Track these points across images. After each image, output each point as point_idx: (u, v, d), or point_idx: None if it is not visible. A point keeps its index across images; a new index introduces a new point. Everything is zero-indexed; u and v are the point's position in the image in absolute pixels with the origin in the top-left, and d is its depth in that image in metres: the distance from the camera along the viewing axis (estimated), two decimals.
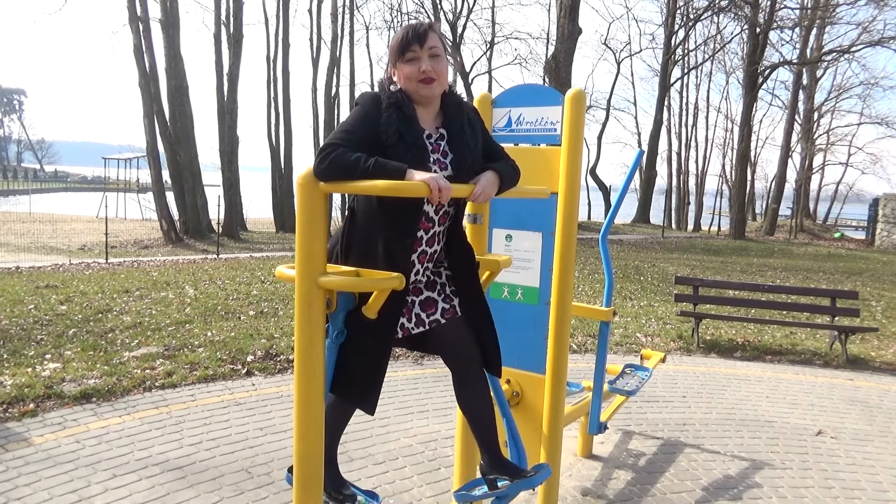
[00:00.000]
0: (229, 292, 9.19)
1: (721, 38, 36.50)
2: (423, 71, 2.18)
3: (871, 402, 5.62)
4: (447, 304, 2.37)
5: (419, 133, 2.19)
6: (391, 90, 2.21)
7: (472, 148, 2.29)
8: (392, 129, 2.11)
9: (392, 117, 2.13)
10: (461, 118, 2.30)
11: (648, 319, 8.58)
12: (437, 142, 2.27)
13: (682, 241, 25.31)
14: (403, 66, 2.20)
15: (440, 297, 2.37)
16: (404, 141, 2.11)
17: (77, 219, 25.32)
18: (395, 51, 2.21)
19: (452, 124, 2.28)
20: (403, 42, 2.19)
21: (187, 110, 20.71)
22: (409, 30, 2.21)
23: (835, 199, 45.07)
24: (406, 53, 2.19)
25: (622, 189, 3.98)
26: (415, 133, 2.16)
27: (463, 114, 2.31)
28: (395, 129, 2.11)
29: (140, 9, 19.40)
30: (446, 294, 2.39)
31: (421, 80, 2.18)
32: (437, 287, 2.37)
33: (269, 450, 4.03)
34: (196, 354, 5.88)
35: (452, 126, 2.28)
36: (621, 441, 4.45)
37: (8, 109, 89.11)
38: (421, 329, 2.33)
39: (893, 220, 26.54)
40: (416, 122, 2.20)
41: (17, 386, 4.79)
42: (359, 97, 2.23)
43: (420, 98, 2.22)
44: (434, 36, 2.22)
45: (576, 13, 18.54)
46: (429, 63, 2.18)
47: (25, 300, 8.08)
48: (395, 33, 2.28)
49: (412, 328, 2.31)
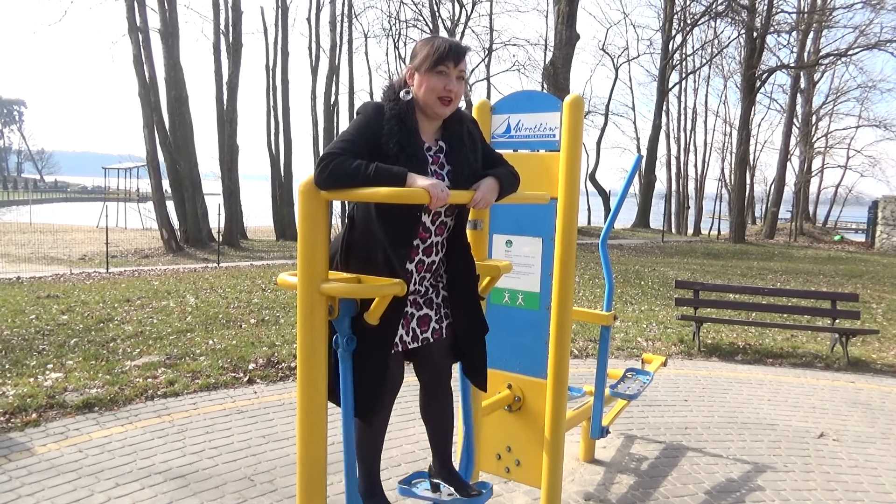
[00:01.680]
0: (230, 301, 9.20)
1: (718, 42, 36.62)
2: (449, 90, 2.17)
3: (873, 404, 5.62)
4: (438, 325, 2.40)
5: (420, 146, 2.19)
6: (399, 97, 2.19)
7: (471, 161, 2.30)
8: (393, 141, 2.11)
9: (394, 129, 2.13)
10: (461, 131, 2.30)
11: (649, 324, 8.59)
12: (437, 154, 2.28)
13: (682, 245, 25.32)
14: (430, 76, 2.17)
15: (435, 316, 2.40)
16: (405, 153, 2.11)
17: (77, 229, 25.32)
18: (427, 59, 2.17)
19: (453, 138, 2.29)
20: (440, 54, 2.16)
21: (187, 120, 20.75)
22: (451, 45, 2.18)
23: (834, 201, 45.08)
24: (438, 66, 2.16)
25: (621, 193, 4.00)
26: (415, 146, 2.16)
27: (463, 127, 2.32)
28: (397, 141, 2.11)
29: (139, 19, 19.47)
30: (440, 315, 2.41)
31: (440, 97, 2.18)
32: (434, 305, 2.39)
33: (272, 457, 4.03)
34: (198, 363, 5.89)
35: (452, 139, 2.29)
36: (623, 445, 4.45)
37: (8, 120, 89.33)
38: (416, 345, 2.36)
39: (893, 222, 26.54)
40: (418, 136, 2.20)
41: (20, 396, 4.80)
42: (361, 106, 2.23)
43: (432, 113, 2.22)
44: (467, 60, 2.23)
45: (573, 19, 18.61)
46: (455, 84, 2.18)
47: (27, 310, 8.09)
48: (428, 39, 2.23)
49: (409, 342, 2.32)
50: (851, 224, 43.60)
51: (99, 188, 57.13)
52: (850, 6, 27.62)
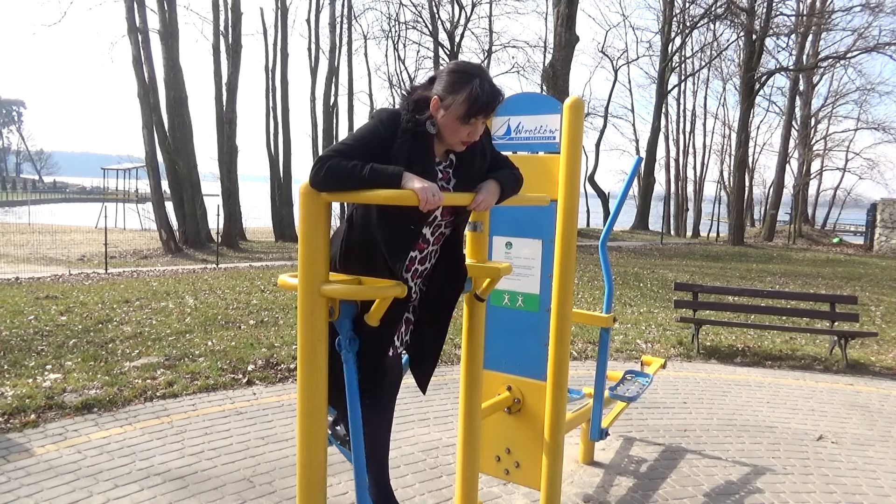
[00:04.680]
0: (229, 302, 9.20)
1: (717, 45, 36.66)
2: (473, 137, 2.16)
3: (872, 406, 5.62)
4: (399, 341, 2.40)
5: (430, 163, 2.16)
6: (418, 118, 2.11)
7: (478, 175, 2.28)
8: (404, 156, 2.07)
9: (406, 144, 2.08)
10: (473, 146, 2.26)
11: (648, 326, 8.59)
12: (446, 169, 2.26)
13: (681, 247, 25.34)
14: (458, 123, 2.10)
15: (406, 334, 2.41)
16: (413, 169, 2.05)
17: (76, 229, 25.31)
18: (461, 107, 2.08)
19: (464, 153, 2.26)
20: (480, 106, 2.08)
21: (186, 120, 20.75)
22: (489, 100, 2.09)
23: (833, 204, 45.12)
24: (471, 118, 2.10)
25: (621, 196, 3.99)
26: (426, 163, 2.12)
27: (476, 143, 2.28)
28: (407, 157, 2.07)
29: (139, 20, 19.47)
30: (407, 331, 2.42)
31: (463, 142, 2.17)
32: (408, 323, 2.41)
33: (271, 459, 4.03)
34: (197, 364, 5.88)
35: (464, 154, 2.26)
36: (623, 447, 4.45)
37: (7, 121, 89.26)
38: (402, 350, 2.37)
39: (891, 224, 26.57)
40: (431, 154, 2.17)
41: (18, 397, 4.79)
42: (377, 111, 2.18)
43: (448, 146, 2.21)
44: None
45: (573, 21, 18.63)
46: (480, 129, 2.17)
47: (25, 311, 8.08)
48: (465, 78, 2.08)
49: (398, 346, 2.33)
50: (850, 226, 43.64)
51: (98, 189, 57.09)
52: (849, 9, 27.87)
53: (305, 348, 2.04)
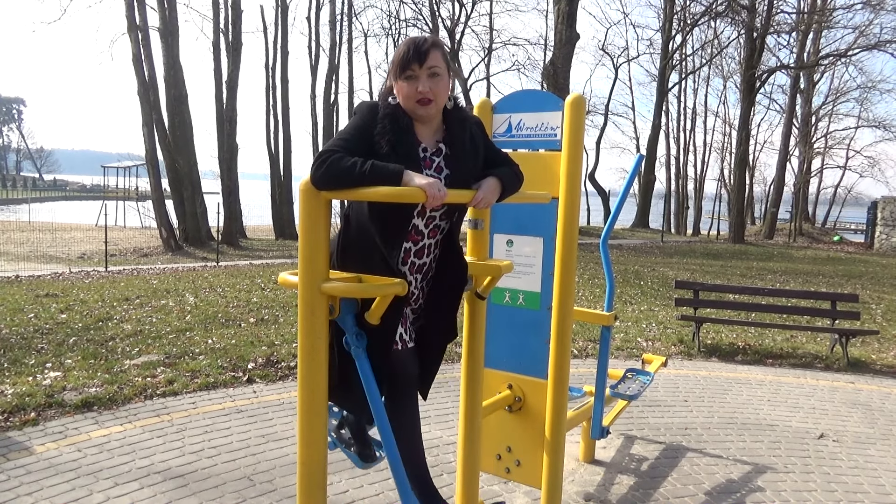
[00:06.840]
0: (229, 300, 9.19)
1: (718, 42, 36.57)
2: (420, 92, 2.13)
3: (873, 404, 5.62)
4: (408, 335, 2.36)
5: (413, 145, 2.16)
6: (389, 102, 2.17)
7: (471, 166, 2.26)
8: (385, 140, 2.08)
9: (386, 127, 2.10)
10: (463, 134, 2.25)
11: (649, 324, 8.58)
12: (433, 157, 2.23)
13: (682, 245, 25.33)
14: (402, 83, 2.15)
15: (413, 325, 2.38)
16: (396, 152, 2.07)
17: (76, 227, 25.29)
18: (395, 67, 2.16)
19: (455, 141, 2.24)
20: (403, 60, 2.13)
21: (186, 118, 20.72)
22: (411, 47, 2.14)
23: (833, 202, 45.12)
24: (405, 71, 2.13)
25: (622, 193, 3.99)
26: (408, 145, 2.13)
27: (465, 130, 2.27)
28: (388, 140, 2.08)
29: (139, 18, 19.44)
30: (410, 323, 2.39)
31: (417, 101, 2.14)
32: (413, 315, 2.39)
33: (271, 457, 4.02)
34: (197, 362, 5.88)
35: (454, 143, 2.24)
36: (623, 446, 4.45)
37: (7, 119, 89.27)
38: (412, 344, 2.34)
39: (892, 222, 26.56)
40: (412, 135, 2.16)
41: (18, 395, 4.78)
42: (357, 106, 2.21)
43: (417, 117, 2.19)
44: (436, 54, 2.15)
45: (573, 19, 18.61)
46: (427, 83, 2.13)
47: (25, 309, 8.07)
48: (399, 45, 2.22)
49: (408, 341, 2.31)
50: (851, 224, 43.59)
51: (98, 187, 57.05)
52: (850, 7, 27.65)
53: (306, 346, 2.04)
